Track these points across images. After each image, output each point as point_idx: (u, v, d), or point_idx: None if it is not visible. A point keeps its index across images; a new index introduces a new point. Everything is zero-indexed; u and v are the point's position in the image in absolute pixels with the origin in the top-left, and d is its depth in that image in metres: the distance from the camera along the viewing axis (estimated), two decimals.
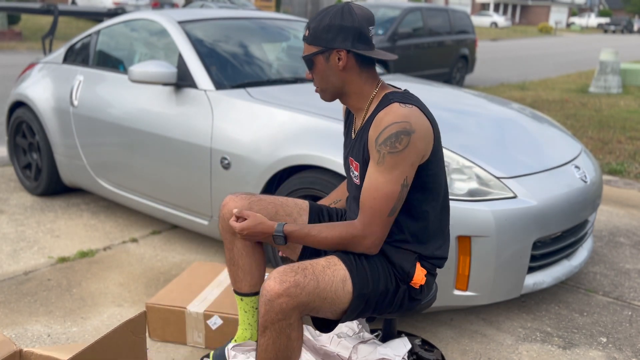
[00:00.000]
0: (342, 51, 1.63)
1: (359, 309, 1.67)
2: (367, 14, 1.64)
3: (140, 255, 3.16)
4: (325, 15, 1.64)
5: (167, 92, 3.10)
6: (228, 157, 2.73)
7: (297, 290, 1.55)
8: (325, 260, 1.66)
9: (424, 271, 1.72)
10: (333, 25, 1.62)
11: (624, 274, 3.10)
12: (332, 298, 1.61)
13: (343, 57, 1.64)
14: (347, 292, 1.63)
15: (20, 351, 1.53)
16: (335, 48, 1.63)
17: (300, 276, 1.57)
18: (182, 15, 3.42)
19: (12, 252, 3.18)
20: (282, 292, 1.53)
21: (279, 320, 1.56)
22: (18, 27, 16.78)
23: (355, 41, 1.63)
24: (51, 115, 3.78)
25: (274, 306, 1.54)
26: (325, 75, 1.68)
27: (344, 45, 1.63)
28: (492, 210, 2.24)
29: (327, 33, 1.63)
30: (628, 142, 6.37)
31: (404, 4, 9.66)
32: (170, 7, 20.24)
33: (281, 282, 1.55)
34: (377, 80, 1.71)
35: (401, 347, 1.91)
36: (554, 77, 13.51)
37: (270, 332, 1.58)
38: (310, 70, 1.72)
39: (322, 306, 1.61)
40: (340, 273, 1.64)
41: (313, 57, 1.67)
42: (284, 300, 1.54)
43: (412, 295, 1.73)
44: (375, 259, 1.70)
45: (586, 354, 2.37)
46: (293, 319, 1.57)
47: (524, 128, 2.88)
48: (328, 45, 1.63)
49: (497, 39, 30.61)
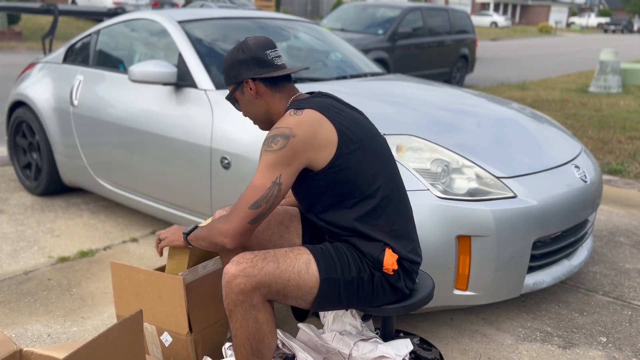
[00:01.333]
0: (248, 81, 1.78)
1: (331, 296, 1.68)
2: (261, 41, 1.79)
3: (141, 255, 3.16)
4: (228, 56, 1.81)
5: (167, 92, 3.10)
6: (228, 157, 2.73)
7: (255, 271, 1.60)
8: (289, 248, 1.71)
9: (394, 256, 1.72)
10: (234, 62, 1.78)
11: (624, 273, 3.10)
12: (296, 280, 1.64)
13: (252, 86, 1.77)
14: (312, 275, 1.65)
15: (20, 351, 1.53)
16: (242, 80, 1.78)
17: (259, 258, 1.64)
18: (182, 15, 3.42)
19: (12, 251, 3.18)
20: (238, 272, 1.60)
21: (241, 301, 1.60)
22: (18, 27, 16.78)
23: (256, 68, 1.77)
24: (51, 115, 3.78)
25: (233, 287, 1.60)
26: (248, 107, 1.82)
27: (247, 74, 1.77)
28: (492, 210, 2.24)
29: (231, 70, 1.79)
30: (628, 142, 6.37)
31: (404, 4, 9.66)
32: (170, 6, 20.24)
33: (237, 264, 1.62)
34: (292, 94, 1.81)
35: (403, 348, 1.91)
36: (554, 77, 13.50)
37: (236, 315, 1.63)
38: (237, 108, 1.87)
39: (287, 290, 1.64)
40: (304, 257, 1.68)
41: (232, 94, 1.83)
42: (241, 280, 1.59)
43: (392, 282, 1.73)
44: (344, 248, 1.73)
45: (586, 353, 2.37)
46: (255, 300, 1.61)
47: (524, 128, 2.88)
48: (237, 80, 1.79)
49: (497, 38, 30.61)
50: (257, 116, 1.83)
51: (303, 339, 2.01)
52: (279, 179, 1.63)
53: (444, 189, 2.27)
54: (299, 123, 1.63)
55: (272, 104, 1.79)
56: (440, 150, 2.40)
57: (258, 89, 1.78)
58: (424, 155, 2.37)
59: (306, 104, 1.70)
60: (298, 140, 1.62)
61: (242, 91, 1.80)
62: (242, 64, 1.77)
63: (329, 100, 1.74)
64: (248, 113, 1.84)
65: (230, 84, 1.82)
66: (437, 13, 10.16)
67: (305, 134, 1.62)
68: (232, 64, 1.79)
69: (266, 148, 1.64)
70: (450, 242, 2.21)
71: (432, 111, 2.82)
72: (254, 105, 1.81)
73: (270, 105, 1.79)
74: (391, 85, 3.36)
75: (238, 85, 1.80)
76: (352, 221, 1.70)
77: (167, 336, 2.11)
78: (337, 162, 1.65)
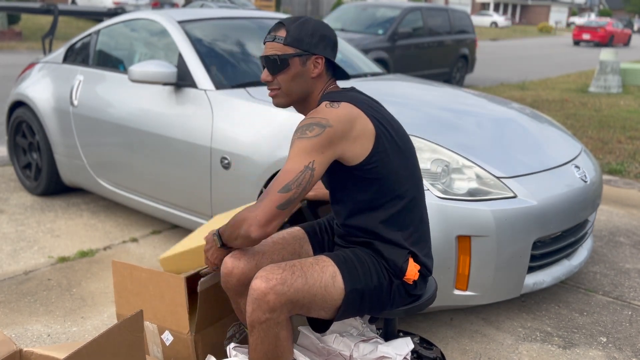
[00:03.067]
0: (320, 58, 1.67)
1: (354, 306, 1.66)
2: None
3: (141, 255, 3.16)
4: (306, 21, 1.68)
5: (167, 91, 3.10)
6: (228, 157, 2.73)
7: (285, 288, 1.54)
8: (314, 259, 1.66)
9: (417, 266, 1.71)
10: (317, 32, 1.66)
11: (624, 273, 3.10)
12: (322, 295, 1.61)
13: (320, 64, 1.68)
14: (338, 287, 1.63)
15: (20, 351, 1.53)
16: (315, 54, 1.67)
17: (288, 273, 1.57)
18: (182, 15, 3.42)
19: (12, 251, 3.18)
20: (268, 289, 1.53)
21: (267, 319, 1.55)
22: (18, 27, 16.77)
23: (330, 50, 1.69)
24: (51, 115, 3.78)
25: (262, 304, 1.54)
26: (295, 79, 1.69)
27: (325, 52, 1.68)
28: (492, 210, 2.23)
29: (311, 37, 1.66)
30: (628, 142, 6.37)
31: (404, 4, 9.66)
32: (170, 6, 20.24)
33: (267, 280, 1.55)
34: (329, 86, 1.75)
35: (404, 347, 1.90)
36: (554, 77, 13.50)
37: (258, 331, 1.57)
38: (277, 71, 1.68)
39: (312, 304, 1.60)
40: (329, 269, 1.64)
41: (289, 58, 1.66)
42: (272, 297, 1.53)
43: (408, 290, 1.73)
44: (364, 254, 1.70)
45: (586, 353, 2.37)
46: (282, 317, 1.57)
47: (524, 128, 2.88)
48: (310, 49, 1.66)
49: (497, 38, 30.60)
50: (296, 91, 1.70)
51: (304, 343, 2.01)
52: (312, 164, 1.55)
53: (444, 189, 2.27)
54: (336, 115, 1.58)
55: (315, 89, 1.72)
56: (440, 150, 2.40)
57: (320, 70, 1.69)
58: (424, 155, 2.37)
59: (342, 97, 1.66)
60: (334, 131, 1.56)
61: (304, 62, 1.67)
62: (322, 39, 1.67)
63: (364, 96, 1.72)
64: (290, 83, 1.69)
65: (295, 47, 1.66)
66: (437, 13, 10.15)
67: (342, 126, 1.58)
68: (314, 33, 1.66)
69: (300, 135, 1.57)
70: (450, 242, 2.21)
71: (432, 111, 2.82)
72: (304, 81, 1.69)
73: (314, 89, 1.72)
74: (391, 85, 3.36)
75: (305, 54, 1.66)
76: (377, 224, 1.68)
77: (168, 335, 2.10)
78: (373, 158, 1.63)
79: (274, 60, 1.67)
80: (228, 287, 1.79)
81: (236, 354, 1.93)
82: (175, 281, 2.01)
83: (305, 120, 1.60)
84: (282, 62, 1.66)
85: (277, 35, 1.68)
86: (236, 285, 1.77)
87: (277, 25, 1.70)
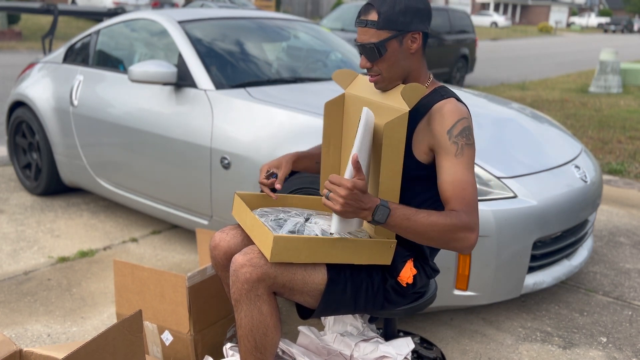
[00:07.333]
0: (417, 33, 1.59)
1: (337, 294, 1.65)
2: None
3: (141, 255, 3.16)
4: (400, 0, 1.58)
5: (167, 91, 3.10)
6: (228, 157, 2.73)
7: (261, 261, 1.58)
8: None
9: (413, 271, 1.70)
10: (410, 8, 1.57)
11: (624, 273, 3.10)
12: (302, 275, 1.61)
13: (418, 40, 1.60)
14: (319, 271, 1.63)
15: (20, 351, 1.53)
16: (411, 31, 1.58)
17: None
18: (182, 15, 3.42)
19: (12, 252, 3.18)
20: (245, 262, 1.58)
21: (246, 291, 1.58)
22: (18, 27, 16.78)
23: (427, 23, 1.61)
24: (51, 115, 3.78)
25: (239, 276, 1.58)
26: (396, 61, 1.61)
27: (421, 27, 1.59)
28: (492, 210, 2.23)
29: (404, 16, 1.56)
30: (628, 142, 6.37)
31: None
32: (170, 6, 20.24)
33: (245, 254, 1.60)
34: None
35: (404, 347, 1.90)
36: (554, 77, 13.50)
37: (241, 305, 1.61)
38: (375, 58, 1.60)
39: (293, 284, 1.61)
40: None
41: (386, 42, 1.58)
42: (248, 269, 1.57)
43: (399, 290, 1.72)
44: None
45: (586, 353, 2.37)
46: (260, 290, 1.59)
47: (524, 128, 2.88)
48: (405, 28, 1.57)
49: (497, 38, 30.61)
50: (398, 73, 1.63)
51: (303, 342, 2.01)
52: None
53: None
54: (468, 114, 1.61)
55: (416, 67, 1.64)
56: None
57: (418, 45, 1.61)
58: None
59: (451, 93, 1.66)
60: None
61: (401, 41, 1.59)
62: (417, 14, 1.57)
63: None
64: (391, 67, 1.61)
65: (390, 29, 1.57)
66: (437, 13, 10.15)
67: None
68: (406, 10, 1.56)
69: (467, 142, 1.57)
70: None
71: None
72: (405, 60, 1.61)
73: (414, 67, 1.64)
74: None
75: (400, 34, 1.57)
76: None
77: (167, 335, 2.11)
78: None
79: (371, 48, 1.59)
80: (216, 262, 1.85)
81: (233, 353, 1.93)
82: (176, 280, 2.01)
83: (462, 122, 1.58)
84: (379, 49, 1.58)
85: (368, 19, 1.59)
86: (223, 259, 1.83)
87: (367, 7, 1.60)
